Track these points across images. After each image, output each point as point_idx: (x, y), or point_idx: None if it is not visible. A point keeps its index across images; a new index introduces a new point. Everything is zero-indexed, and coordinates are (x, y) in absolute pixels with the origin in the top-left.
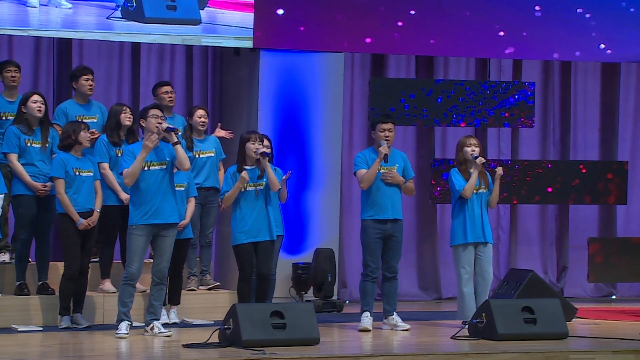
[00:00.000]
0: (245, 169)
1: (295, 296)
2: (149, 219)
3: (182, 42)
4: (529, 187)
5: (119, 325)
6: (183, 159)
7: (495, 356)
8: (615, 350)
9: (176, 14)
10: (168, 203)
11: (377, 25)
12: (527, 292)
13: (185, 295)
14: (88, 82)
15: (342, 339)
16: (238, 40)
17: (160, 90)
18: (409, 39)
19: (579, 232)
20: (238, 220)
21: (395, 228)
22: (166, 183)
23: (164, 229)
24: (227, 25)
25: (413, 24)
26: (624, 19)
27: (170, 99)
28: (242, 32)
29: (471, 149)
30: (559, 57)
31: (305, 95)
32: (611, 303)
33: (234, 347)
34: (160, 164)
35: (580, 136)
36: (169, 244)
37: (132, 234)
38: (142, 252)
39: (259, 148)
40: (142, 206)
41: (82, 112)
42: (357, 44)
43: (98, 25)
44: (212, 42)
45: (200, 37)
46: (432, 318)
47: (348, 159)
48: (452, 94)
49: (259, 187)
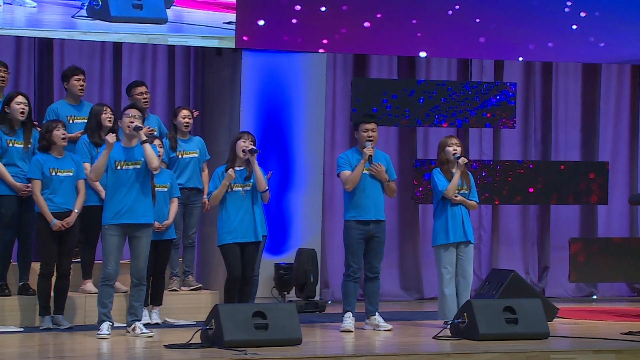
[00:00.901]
0: (235, 169)
1: (277, 296)
2: (121, 218)
3: (149, 41)
4: (511, 187)
5: (100, 326)
6: (149, 158)
7: (476, 356)
8: (596, 350)
9: (142, 13)
10: (141, 203)
11: (359, 25)
12: (508, 292)
13: (167, 295)
14: (79, 83)
15: (324, 340)
16: (204, 40)
17: (135, 90)
18: (391, 39)
19: (560, 232)
20: (224, 221)
21: (378, 229)
22: (140, 183)
23: (138, 229)
24: (193, 24)
25: (395, 24)
26: (606, 20)
27: (145, 100)
28: (209, 31)
29: (452, 148)
30: (539, 58)
31: (288, 95)
32: (592, 303)
33: (216, 347)
34: (133, 164)
35: (561, 137)
36: (144, 245)
37: (105, 234)
38: (117, 252)
39: (248, 146)
40: (113, 206)
41: (73, 113)
42: (339, 44)
43: (63, 24)
44: (178, 41)
45: (167, 36)
46: (414, 318)
47: (330, 160)
48: (434, 95)
49: (246, 187)
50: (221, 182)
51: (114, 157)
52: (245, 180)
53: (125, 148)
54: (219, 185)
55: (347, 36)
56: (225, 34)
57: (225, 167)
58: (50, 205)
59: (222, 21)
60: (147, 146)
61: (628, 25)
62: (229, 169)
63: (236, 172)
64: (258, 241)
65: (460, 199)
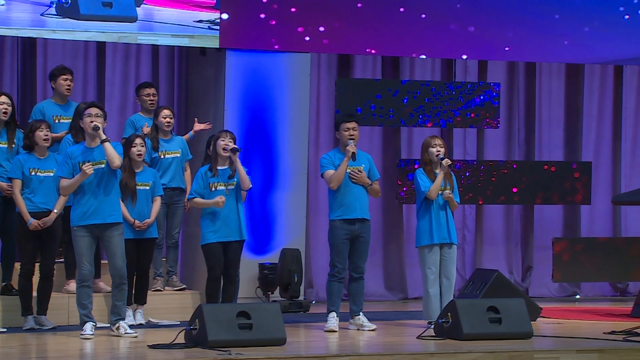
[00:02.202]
0: (217, 169)
1: (261, 296)
2: (88, 219)
3: (119, 39)
4: (495, 187)
5: (84, 326)
6: (111, 157)
7: (460, 356)
8: (579, 349)
9: (112, 11)
10: (107, 203)
11: (345, 26)
12: (492, 292)
13: (151, 295)
14: (66, 82)
15: (308, 339)
16: (175, 38)
17: (143, 92)
18: (374, 39)
19: (544, 232)
20: (208, 220)
21: (363, 228)
22: (104, 183)
23: (106, 229)
24: (164, 23)
25: (380, 25)
26: (589, 21)
27: (151, 102)
28: (180, 30)
29: (436, 149)
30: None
31: (272, 95)
32: (575, 303)
33: (200, 347)
34: (97, 164)
35: (544, 137)
36: (117, 243)
37: (75, 236)
38: (89, 252)
39: (229, 144)
40: (79, 207)
41: (59, 112)
42: (323, 44)
43: (32, 22)
44: (148, 39)
45: (137, 34)
46: (398, 318)
47: (314, 159)
48: (418, 95)
49: (230, 186)
50: (204, 182)
51: (78, 159)
52: (228, 179)
53: (88, 148)
54: (202, 185)
55: (331, 36)
56: (196, 32)
57: (207, 167)
58: (29, 204)
59: (193, 19)
60: (108, 145)
61: (611, 25)
62: (212, 169)
63: (219, 171)
64: (242, 240)
65: (449, 195)
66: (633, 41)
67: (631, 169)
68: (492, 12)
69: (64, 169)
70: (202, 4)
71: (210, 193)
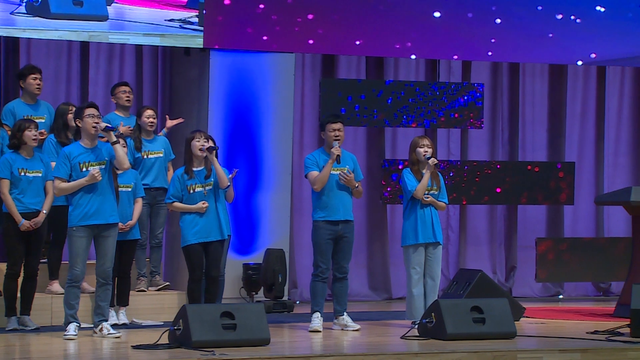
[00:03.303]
0: (193, 170)
1: (245, 297)
2: (89, 219)
3: (89, 38)
4: (478, 187)
5: (67, 327)
6: (122, 159)
7: (444, 356)
8: (562, 349)
9: (82, 10)
10: (108, 203)
11: (329, 26)
12: (476, 292)
13: (134, 296)
14: (36, 82)
15: (292, 340)
16: (146, 37)
17: (119, 89)
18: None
19: (527, 232)
20: (188, 221)
21: (347, 229)
22: (105, 183)
23: (105, 229)
24: (135, 22)
25: (365, 25)
26: (572, 21)
27: (127, 99)
28: (151, 29)
29: (424, 149)
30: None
31: (256, 95)
32: (558, 302)
33: (184, 348)
34: (98, 164)
35: (528, 137)
36: (111, 244)
37: (73, 236)
38: (85, 253)
39: (204, 145)
40: (80, 207)
41: (29, 112)
42: (308, 44)
43: (1, 21)
44: (119, 38)
45: (108, 33)
46: (382, 318)
47: (299, 160)
48: (402, 95)
49: (207, 187)
50: (181, 185)
51: (78, 160)
52: (205, 179)
53: (87, 149)
54: (179, 188)
55: (315, 36)
56: (167, 31)
57: (183, 169)
58: (19, 205)
59: (164, 18)
60: (119, 147)
61: (593, 26)
62: (188, 171)
63: (195, 172)
64: (223, 239)
65: (431, 199)
66: (615, 42)
67: (614, 169)
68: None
69: (61, 170)
70: (173, 2)
71: (189, 195)
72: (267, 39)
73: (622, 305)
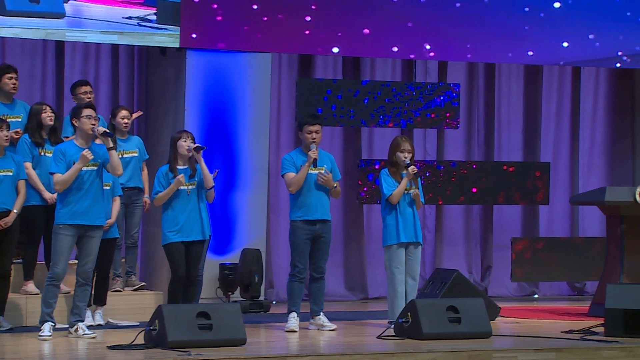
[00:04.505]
0: (177, 168)
1: (222, 297)
2: (77, 219)
3: (46, 36)
4: (454, 187)
5: (42, 327)
6: (116, 165)
7: (420, 355)
8: (537, 348)
9: (39, 7)
10: (97, 205)
11: (306, 26)
12: (452, 292)
13: (110, 296)
14: (11, 81)
15: (268, 340)
16: (104, 35)
17: (80, 90)
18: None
19: (503, 232)
20: (170, 220)
21: (324, 229)
22: (97, 184)
23: (90, 229)
24: (92, 19)
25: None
26: (548, 22)
27: (89, 100)
28: (108, 27)
29: (404, 155)
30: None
31: (233, 95)
32: (534, 302)
33: (160, 348)
34: (91, 165)
35: (504, 137)
36: (95, 245)
37: (58, 234)
38: (68, 252)
39: (192, 144)
40: (70, 205)
41: (5, 112)
42: (284, 44)
43: None
44: (76, 36)
45: (65, 31)
46: (359, 318)
47: (275, 160)
48: (378, 95)
49: (191, 186)
50: (166, 182)
51: (72, 158)
52: (190, 178)
53: (82, 148)
54: (164, 186)
55: (292, 36)
56: (124, 29)
57: (168, 167)
58: None
59: (122, 16)
60: (114, 153)
61: (569, 27)
62: (172, 169)
63: (179, 171)
64: (204, 240)
65: (416, 192)
66: (589, 43)
67: (589, 169)
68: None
69: (59, 165)
70: (131, 0)
71: (173, 193)
72: (245, 38)
73: (597, 305)
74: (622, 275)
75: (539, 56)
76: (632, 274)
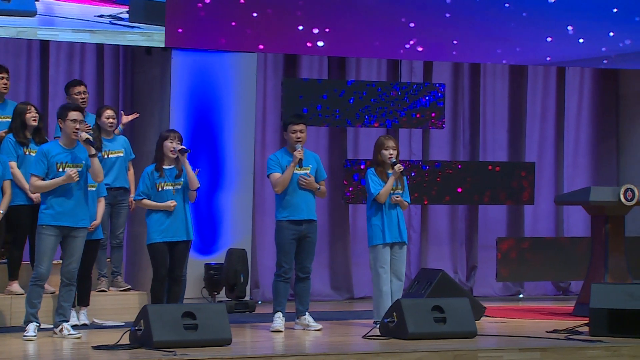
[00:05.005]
0: (163, 168)
1: (207, 297)
2: (61, 220)
3: (17, 34)
4: (440, 187)
5: (27, 327)
6: (97, 171)
7: (405, 355)
8: (522, 348)
9: (10, 5)
10: (81, 206)
11: (291, 26)
12: (437, 292)
13: (95, 296)
14: (2, 81)
15: (254, 340)
16: (75, 33)
17: (74, 90)
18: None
19: (488, 232)
20: (155, 220)
21: (310, 229)
22: (81, 186)
23: (75, 230)
24: (64, 18)
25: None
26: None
27: (82, 100)
28: (80, 25)
29: (389, 152)
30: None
31: (218, 95)
32: (519, 302)
33: (145, 348)
34: (75, 166)
35: (489, 137)
36: (79, 245)
37: (42, 234)
38: (52, 252)
39: (177, 146)
40: (54, 206)
41: None
42: (270, 44)
43: None
44: (48, 34)
45: (37, 29)
46: (344, 318)
47: (261, 159)
48: (364, 95)
49: (177, 186)
50: (150, 182)
51: (55, 159)
52: (175, 179)
53: (66, 149)
54: (148, 185)
55: (277, 36)
56: (96, 27)
57: (154, 167)
58: None
59: (94, 14)
60: (96, 160)
61: (553, 28)
62: (158, 169)
63: (165, 171)
64: (189, 240)
65: (399, 199)
66: (574, 42)
67: (573, 169)
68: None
69: (39, 167)
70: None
71: (157, 193)
72: (229, 38)
73: (581, 305)
74: (606, 275)
75: (524, 55)
76: (616, 274)
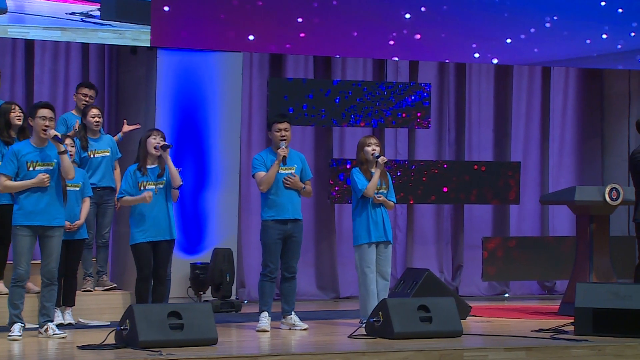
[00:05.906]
0: (146, 167)
1: (193, 296)
2: (34, 220)
3: None
4: (425, 187)
5: (12, 327)
6: (67, 169)
7: (391, 355)
8: (508, 347)
9: None
10: (54, 206)
11: (275, 25)
12: (423, 291)
13: (81, 296)
14: None
15: (240, 339)
16: (46, 31)
17: (81, 90)
18: (307, 39)
19: (474, 231)
20: (137, 219)
21: (296, 228)
22: (53, 184)
23: (49, 229)
24: (35, 15)
25: (312, 25)
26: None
27: (84, 103)
28: (52, 22)
29: (372, 148)
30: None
31: (204, 94)
32: (504, 301)
33: (131, 348)
34: (46, 165)
35: (474, 137)
36: (56, 244)
37: (17, 235)
38: (29, 252)
39: (159, 143)
40: (25, 206)
41: None
42: (255, 43)
43: None
44: (19, 32)
45: (7, 27)
46: (330, 317)
47: (246, 159)
48: (349, 95)
49: (159, 185)
50: (133, 181)
51: (26, 158)
52: (158, 177)
53: (37, 148)
54: (131, 184)
55: (264, 36)
56: (68, 25)
57: (136, 166)
58: None
59: (65, 12)
60: (65, 157)
61: (538, 27)
62: (141, 168)
63: (148, 169)
64: (172, 239)
65: (382, 199)
66: (558, 42)
67: (558, 169)
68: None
69: (7, 167)
70: None
71: (139, 192)
72: (214, 37)
73: (567, 304)
74: (591, 274)
75: (510, 57)
76: (601, 273)
